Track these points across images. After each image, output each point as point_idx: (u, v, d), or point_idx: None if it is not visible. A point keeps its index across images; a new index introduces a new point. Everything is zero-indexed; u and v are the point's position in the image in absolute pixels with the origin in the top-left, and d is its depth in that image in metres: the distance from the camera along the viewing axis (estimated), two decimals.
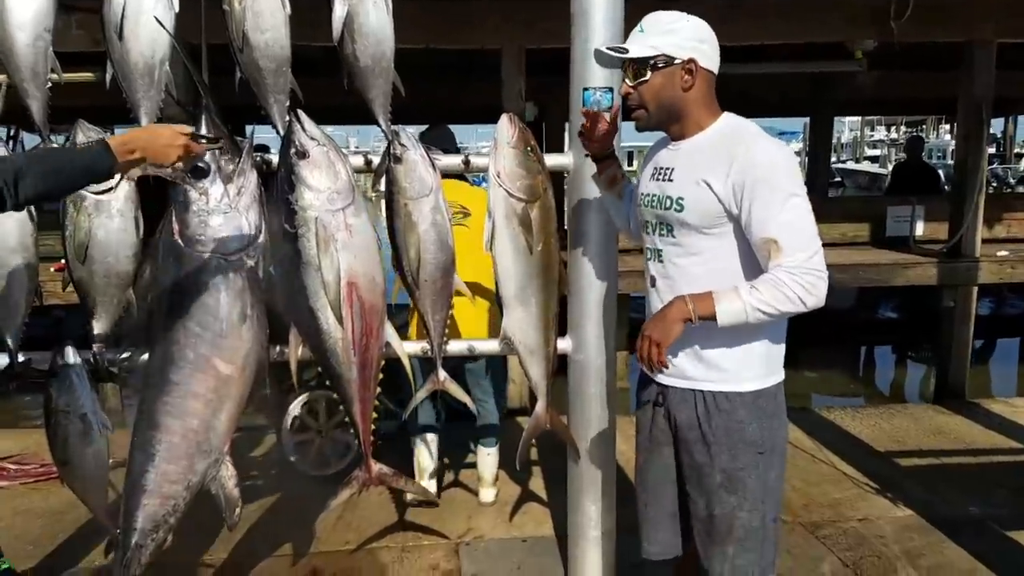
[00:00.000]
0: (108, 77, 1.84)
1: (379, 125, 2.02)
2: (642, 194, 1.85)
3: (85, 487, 2.13)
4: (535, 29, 3.90)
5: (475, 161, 2.17)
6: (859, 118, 37.65)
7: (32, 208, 1.93)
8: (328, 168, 1.91)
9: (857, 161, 35.70)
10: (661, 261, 1.79)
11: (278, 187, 1.95)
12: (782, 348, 1.81)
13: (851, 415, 4.52)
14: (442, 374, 2.27)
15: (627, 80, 1.75)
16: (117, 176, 1.89)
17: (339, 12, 1.86)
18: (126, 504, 1.94)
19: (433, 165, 2.07)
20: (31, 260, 1.97)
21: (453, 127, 3.34)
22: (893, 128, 39.91)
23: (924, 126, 34.72)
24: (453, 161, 2.20)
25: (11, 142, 7.15)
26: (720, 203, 1.65)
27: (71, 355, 2.01)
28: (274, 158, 2.03)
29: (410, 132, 2.04)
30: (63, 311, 4.18)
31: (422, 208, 2.06)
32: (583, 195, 2.27)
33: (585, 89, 2.16)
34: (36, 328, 2.14)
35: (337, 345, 2.04)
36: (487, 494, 3.35)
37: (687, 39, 1.71)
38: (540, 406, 2.32)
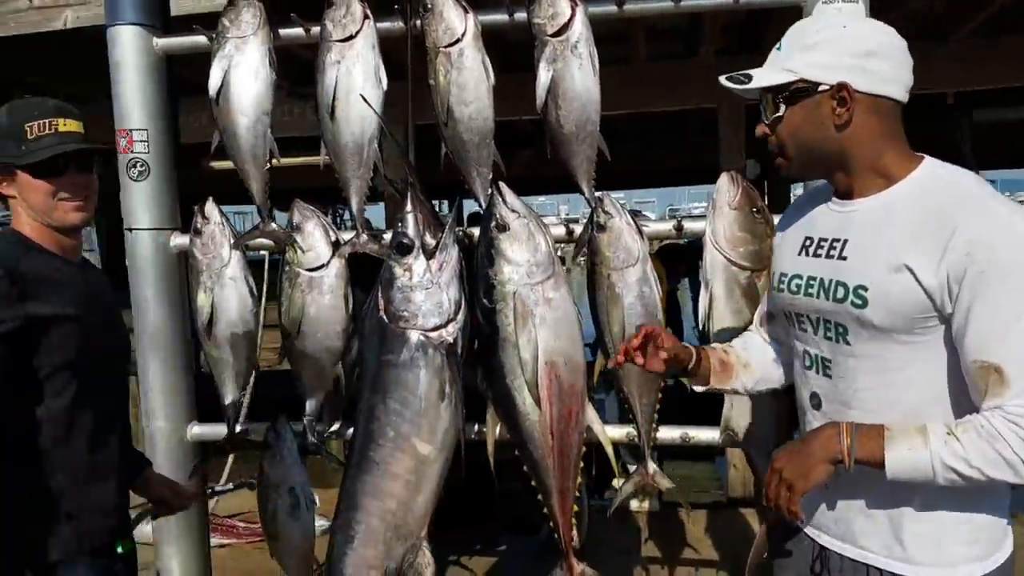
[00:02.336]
0: (323, 156, 1.88)
1: (582, 193, 1.88)
2: (787, 275, 1.37)
3: (290, 561, 2.14)
4: None
5: (688, 226, 1.95)
6: None
7: (251, 281, 2.02)
8: (528, 240, 1.79)
9: None
10: (829, 375, 1.30)
11: (477, 262, 1.87)
12: (1007, 500, 1.26)
13: None
14: (651, 466, 2.03)
15: (764, 118, 1.33)
16: (329, 252, 1.93)
17: (543, 79, 1.76)
18: None
19: (640, 233, 1.88)
20: (251, 332, 2.04)
21: (659, 190, 3.16)
22: None
23: None
24: (663, 227, 1.99)
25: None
26: (928, 298, 1.14)
27: (284, 430, 2.04)
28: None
29: (615, 198, 1.88)
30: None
31: (627, 279, 1.88)
32: None
33: None
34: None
35: (534, 428, 1.89)
36: None
37: (838, 54, 1.22)
38: None
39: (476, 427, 2.03)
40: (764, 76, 1.29)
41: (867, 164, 1.25)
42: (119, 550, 1.66)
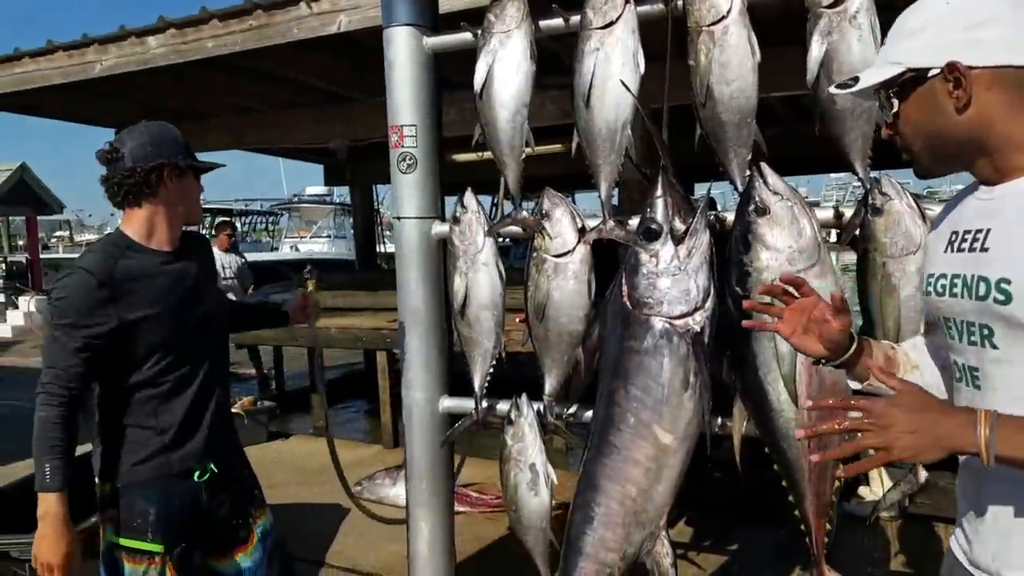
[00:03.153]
0: (574, 145, 1.92)
1: (855, 172, 1.74)
2: (933, 275, 1.21)
3: (528, 533, 2.23)
4: None
5: None
6: None
7: (501, 267, 2.12)
8: (791, 225, 1.69)
9: None
10: (979, 387, 1.14)
11: (732, 247, 1.80)
12: None
13: None
14: (923, 473, 1.84)
15: (885, 118, 1.21)
16: (575, 239, 1.97)
17: (816, 52, 1.66)
18: (564, 565, 1.94)
19: (924, 217, 1.70)
20: (499, 316, 2.15)
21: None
22: None
23: None
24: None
25: (494, 208, 8.51)
26: None
27: (525, 407, 2.13)
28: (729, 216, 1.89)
29: (893, 180, 1.72)
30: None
31: (906, 268, 1.71)
32: None
33: None
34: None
35: (789, 426, 1.78)
36: None
37: (943, 32, 1.10)
38: None
39: (720, 420, 1.96)
40: (870, 75, 1.19)
41: (1005, 144, 1.11)
42: (195, 476, 2.05)
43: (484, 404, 2.23)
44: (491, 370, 2.22)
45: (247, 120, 6.14)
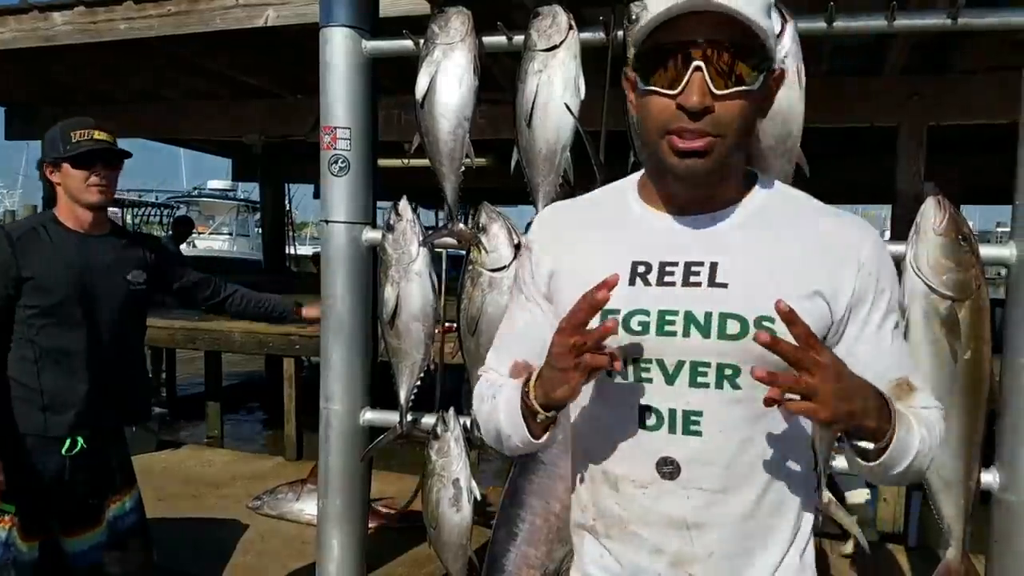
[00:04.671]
0: (513, 162, 1.94)
1: None
2: (615, 312, 1.00)
3: (448, 550, 2.20)
4: (943, 105, 3.46)
5: (889, 248, 1.85)
6: None
7: (435, 278, 2.10)
8: None
9: None
10: (698, 433, 1.02)
11: None
12: None
13: None
14: (826, 494, 1.95)
15: None
16: (511, 254, 1.99)
17: None
18: None
19: None
20: (430, 327, 2.12)
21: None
22: None
23: None
24: None
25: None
26: (831, 319, 1.02)
27: (452, 421, 2.11)
28: None
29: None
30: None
31: None
32: None
33: None
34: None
35: None
36: None
37: None
38: (952, 553, 1.87)
39: None
40: None
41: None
42: (64, 448, 2.14)
43: (409, 417, 2.20)
44: (418, 382, 2.19)
45: (157, 108, 5.83)
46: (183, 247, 8.34)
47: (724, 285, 1.00)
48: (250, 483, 4.62)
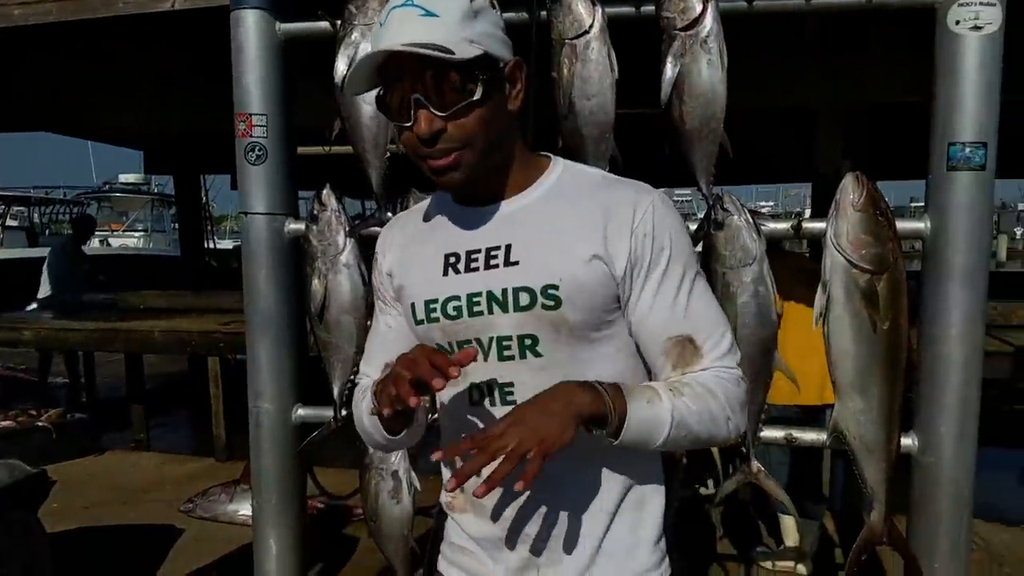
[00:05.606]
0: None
1: (700, 189, 1.87)
2: (435, 301, 1.12)
3: (389, 543, 2.17)
4: (862, 84, 3.57)
5: (808, 226, 1.91)
6: None
7: (364, 268, 2.05)
8: None
9: None
10: (512, 401, 1.09)
11: None
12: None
13: None
14: (755, 464, 2.01)
15: None
16: None
17: (669, 73, 1.75)
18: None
19: (759, 231, 1.85)
20: (361, 319, 2.07)
21: (733, 187, 3.13)
22: None
23: None
24: (781, 226, 1.96)
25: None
26: (614, 281, 1.08)
27: None
28: None
29: (734, 197, 1.86)
30: None
31: (743, 278, 1.86)
32: (942, 265, 1.90)
33: (951, 144, 1.81)
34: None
35: None
36: None
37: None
38: (876, 516, 1.95)
39: None
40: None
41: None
42: None
43: (344, 412, 2.14)
44: (352, 376, 2.13)
45: (63, 100, 5.50)
46: (96, 244, 7.93)
47: (516, 263, 1.09)
48: (180, 486, 4.46)
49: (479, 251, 1.12)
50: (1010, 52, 1.75)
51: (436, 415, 1.27)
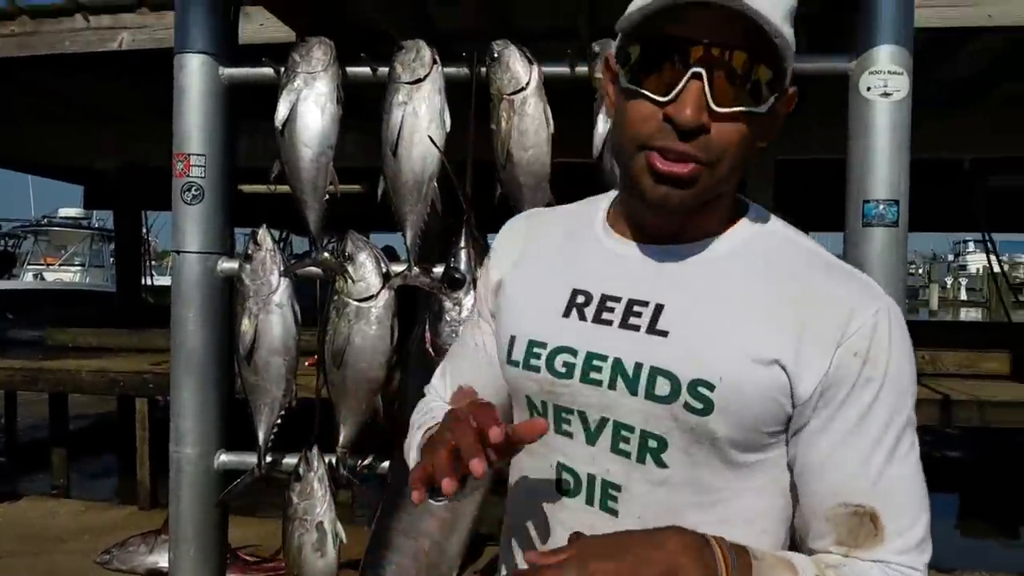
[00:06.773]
0: (380, 191, 1.92)
1: None
2: (542, 345, 0.89)
3: None
4: (790, 141, 3.75)
5: None
6: None
7: (297, 309, 2.02)
8: None
9: None
10: (614, 511, 0.85)
11: None
12: None
13: None
14: None
15: None
16: (379, 283, 1.95)
17: (601, 129, 1.82)
18: None
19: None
20: (291, 362, 2.04)
21: None
22: None
23: None
24: None
25: (282, 244, 8.17)
26: (791, 401, 0.80)
27: (315, 460, 2.02)
28: None
29: None
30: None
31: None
32: None
33: (866, 202, 1.91)
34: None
35: None
36: None
37: None
38: None
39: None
40: None
41: None
42: None
43: (269, 458, 2.09)
44: (279, 421, 2.08)
45: (1, 132, 5.36)
46: (29, 279, 7.63)
47: (664, 333, 0.82)
48: (100, 536, 4.24)
49: (618, 300, 0.86)
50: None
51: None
